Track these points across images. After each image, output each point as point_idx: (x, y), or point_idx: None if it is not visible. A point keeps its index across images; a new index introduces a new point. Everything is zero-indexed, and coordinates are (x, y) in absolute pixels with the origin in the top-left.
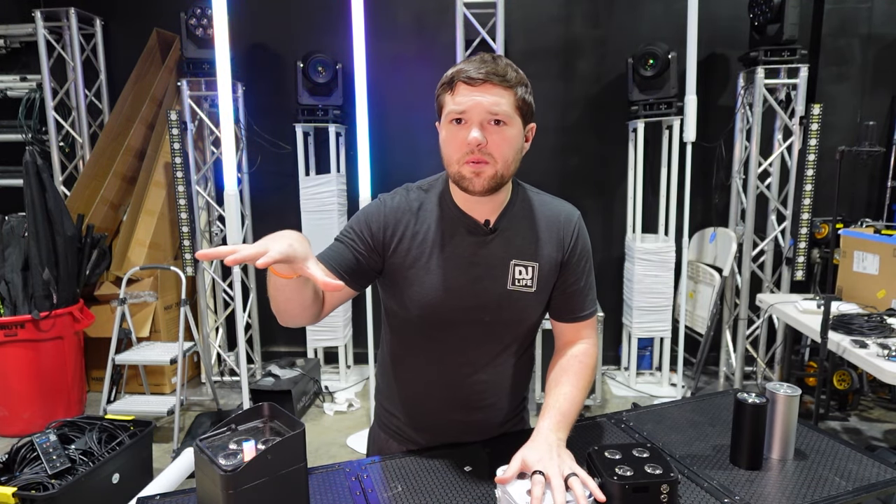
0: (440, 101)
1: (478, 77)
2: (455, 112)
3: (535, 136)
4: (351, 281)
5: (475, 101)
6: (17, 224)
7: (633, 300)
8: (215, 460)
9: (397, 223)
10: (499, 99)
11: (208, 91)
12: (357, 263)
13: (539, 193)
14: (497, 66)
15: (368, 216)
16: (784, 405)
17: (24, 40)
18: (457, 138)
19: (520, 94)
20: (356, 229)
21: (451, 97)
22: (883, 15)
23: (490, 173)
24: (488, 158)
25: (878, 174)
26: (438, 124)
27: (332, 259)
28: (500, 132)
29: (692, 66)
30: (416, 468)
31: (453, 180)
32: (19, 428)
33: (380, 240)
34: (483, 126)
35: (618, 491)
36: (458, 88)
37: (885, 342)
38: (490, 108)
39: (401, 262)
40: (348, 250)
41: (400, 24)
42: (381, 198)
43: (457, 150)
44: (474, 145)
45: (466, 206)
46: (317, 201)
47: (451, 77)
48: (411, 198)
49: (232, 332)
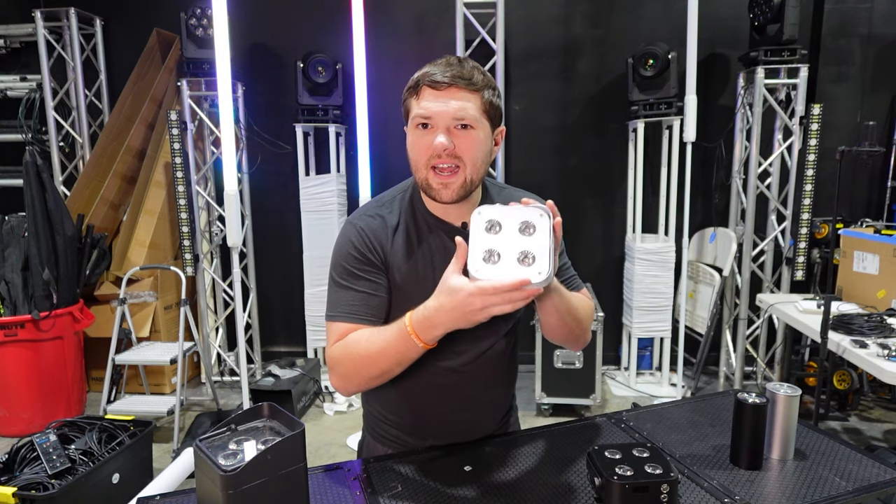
0: (406, 106)
1: (443, 81)
2: (421, 116)
3: (535, 136)
4: (384, 320)
5: (441, 106)
6: (17, 224)
7: (633, 300)
8: (215, 460)
9: (381, 240)
10: (465, 103)
11: (208, 91)
12: (381, 300)
13: (504, 188)
14: (463, 69)
15: (357, 247)
16: (784, 405)
17: (24, 40)
18: (422, 143)
19: (486, 97)
20: (356, 269)
21: (417, 101)
22: (883, 15)
23: (459, 182)
24: (458, 162)
25: (878, 174)
26: (406, 128)
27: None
28: (468, 135)
29: (692, 66)
30: (415, 468)
31: (421, 188)
32: (19, 428)
33: (381, 260)
34: (449, 131)
35: (618, 491)
36: (424, 93)
37: (885, 342)
38: (456, 112)
39: (392, 278)
40: (370, 296)
41: (400, 24)
42: (352, 223)
43: (423, 155)
44: (440, 150)
45: (440, 213)
46: (317, 201)
47: (417, 81)
48: (384, 213)
49: (232, 332)
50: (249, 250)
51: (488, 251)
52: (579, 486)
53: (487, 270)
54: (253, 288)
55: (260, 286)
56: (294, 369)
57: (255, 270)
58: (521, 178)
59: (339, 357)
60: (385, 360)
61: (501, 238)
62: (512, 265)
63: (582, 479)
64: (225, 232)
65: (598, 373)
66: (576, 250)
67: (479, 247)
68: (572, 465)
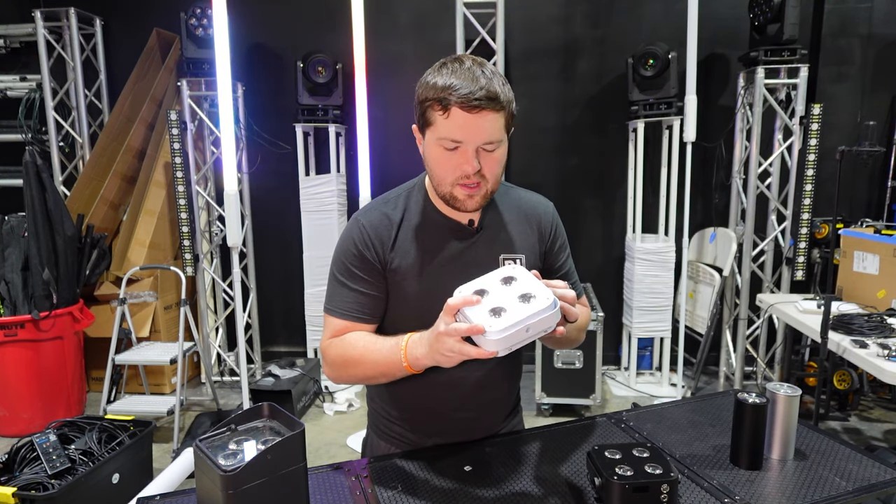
0: (427, 116)
1: (475, 104)
2: (451, 140)
3: (535, 136)
4: (379, 318)
5: (473, 130)
6: (17, 224)
7: (634, 300)
8: (215, 460)
9: (382, 239)
10: (494, 126)
11: (208, 91)
12: (377, 299)
13: (512, 188)
14: (491, 85)
15: (357, 245)
16: (784, 405)
17: (24, 40)
18: (451, 162)
19: (509, 111)
20: (354, 267)
21: (445, 118)
22: (883, 15)
23: (482, 193)
24: (481, 180)
25: (878, 174)
26: (416, 128)
27: (357, 311)
28: (493, 155)
29: (692, 66)
30: (416, 468)
31: (443, 199)
32: (19, 428)
33: (378, 260)
34: (478, 152)
35: (618, 491)
36: (454, 113)
37: (885, 342)
38: (488, 137)
39: (394, 275)
40: (365, 296)
41: (400, 24)
42: (356, 219)
43: (450, 174)
44: (470, 173)
45: (448, 210)
46: (317, 201)
47: (444, 97)
48: (388, 210)
49: (232, 332)
50: (249, 250)
51: (492, 310)
52: (579, 486)
53: (500, 322)
54: (253, 288)
55: (260, 286)
56: (294, 369)
57: (255, 270)
58: (522, 178)
59: (331, 353)
60: (372, 370)
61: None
62: (520, 307)
63: (582, 479)
64: (225, 232)
65: (598, 373)
66: (576, 250)
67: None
68: (572, 465)
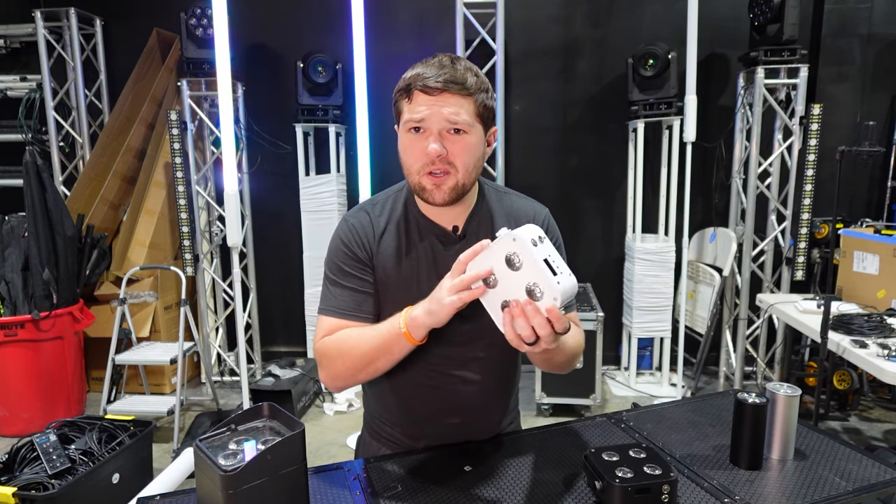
0: (397, 107)
1: (436, 86)
2: (413, 121)
3: (535, 136)
4: (373, 317)
5: (433, 111)
6: (17, 224)
7: (633, 300)
8: (215, 460)
9: (369, 239)
10: (458, 108)
11: (208, 91)
12: (370, 297)
13: (506, 193)
14: (456, 72)
15: (347, 243)
16: (784, 405)
17: (24, 40)
18: (416, 148)
19: (480, 100)
20: (346, 265)
21: (409, 104)
22: (883, 15)
23: (451, 184)
24: (449, 168)
25: (878, 174)
26: (397, 127)
27: (351, 309)
28: (460, 140)
29: (692, 66)
30: (416, 468)
31: (414, 190)
32: (19, 428)
33: (367, 258)
34: (442, 135)
35: (620, 493)
36: (416, 97)
37: (885, 342)
38: (449, 117)
39: (379, 278)
40: (358, 293)
41: (400, 24)
42: (345, 219)
43: (416, 160)
44: (434, 157)
45: (433, 215)
46: (317, 201)
47: (409, 84)
48: (375, 213)
49: (232, 332)
50: (249, 250)
51: (504, 302)
52: (579, 487)
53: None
54: (253, 288)
55: (260, 286)
56: (294, 369)
57: (254, 270)
58: (522, 178)
59: (324, 350)
60: (370, 347)
61: (504, 285)
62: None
63: (581, 480)
64: (225, 232)
65: (598, 373)
66: (576, 250)
67: (495, 307)
68: (572, 465)
